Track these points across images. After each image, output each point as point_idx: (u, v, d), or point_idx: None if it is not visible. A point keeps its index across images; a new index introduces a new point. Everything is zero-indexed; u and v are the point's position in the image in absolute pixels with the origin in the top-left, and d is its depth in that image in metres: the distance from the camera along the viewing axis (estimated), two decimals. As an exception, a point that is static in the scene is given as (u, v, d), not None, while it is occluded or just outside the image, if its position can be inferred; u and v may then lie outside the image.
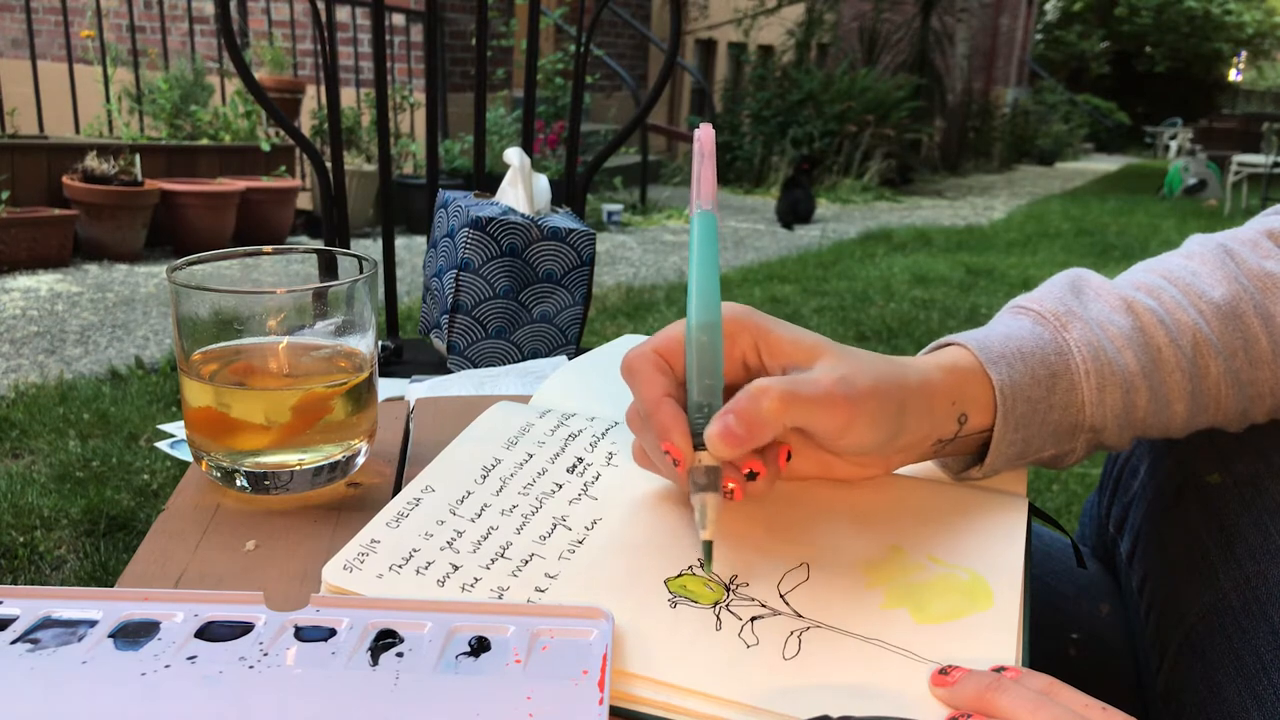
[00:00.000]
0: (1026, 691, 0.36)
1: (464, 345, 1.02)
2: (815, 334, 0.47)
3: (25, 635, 0.39)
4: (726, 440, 0.42)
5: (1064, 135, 15.20)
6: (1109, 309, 0.51)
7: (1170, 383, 0.50)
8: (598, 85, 7.76)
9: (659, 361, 0.46)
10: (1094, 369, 0.49)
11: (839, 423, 0.44)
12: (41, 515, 1.81)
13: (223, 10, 1.16)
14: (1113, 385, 0.49)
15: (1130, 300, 0.51)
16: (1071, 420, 0.50)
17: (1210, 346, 0.51)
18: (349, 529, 0.49)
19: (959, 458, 0.52)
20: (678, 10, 1.27)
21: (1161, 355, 0.50)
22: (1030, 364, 0.49)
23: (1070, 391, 0.49)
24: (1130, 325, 0.50)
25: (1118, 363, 0.49)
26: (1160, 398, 0.50)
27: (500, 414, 0.58)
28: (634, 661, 0.39)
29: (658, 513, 0.48)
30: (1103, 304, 0.51)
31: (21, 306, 3.32)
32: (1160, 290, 0.52)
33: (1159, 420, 0.51)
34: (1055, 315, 0.51)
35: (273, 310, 0.53)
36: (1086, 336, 0.50)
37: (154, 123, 4.83)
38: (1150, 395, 0.50)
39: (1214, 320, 0.51)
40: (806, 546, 0.46)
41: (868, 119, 8.42)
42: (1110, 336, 0.50)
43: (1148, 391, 0.50)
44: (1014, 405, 0.48)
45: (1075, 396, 0.49)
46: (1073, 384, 0.49)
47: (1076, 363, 0.49)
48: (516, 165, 1.05)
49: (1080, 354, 0.49)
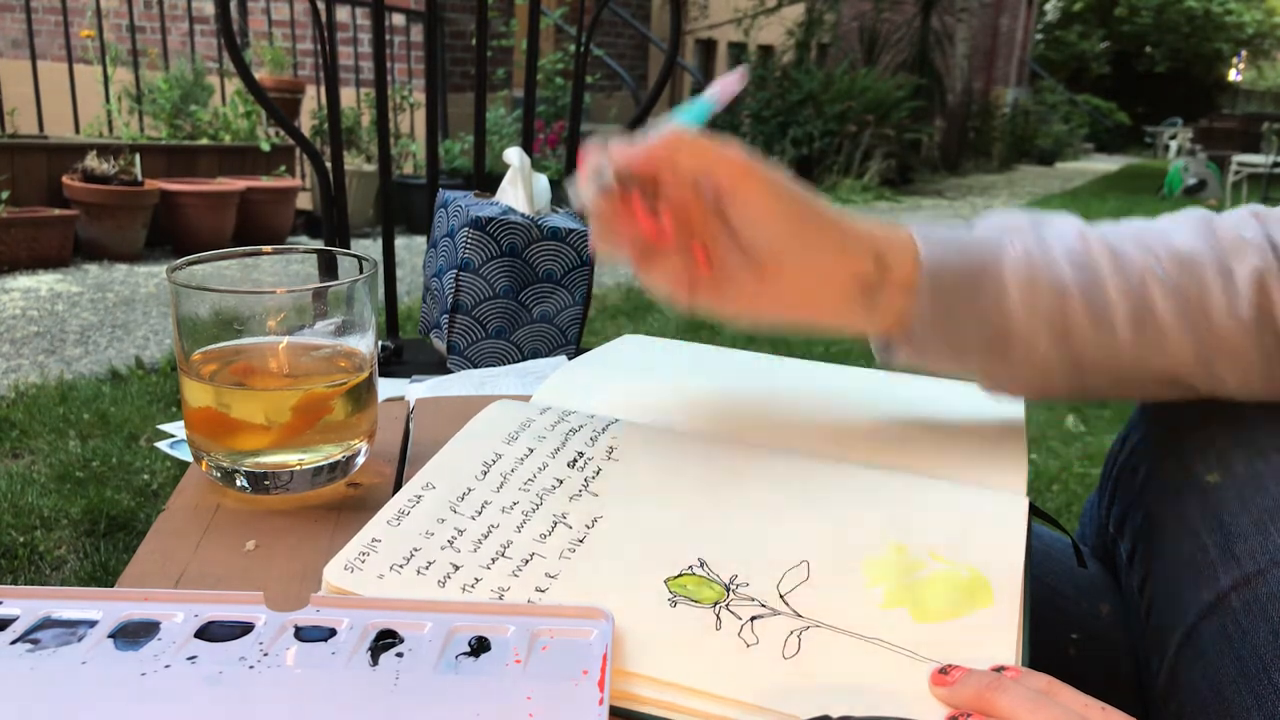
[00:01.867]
0: (1026, 691, 0.36)
1: (464, 345, 1.02)
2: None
3: (25, 635, 0.39)
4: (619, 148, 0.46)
5: (1064, 135, 15.19)
6: (1057, 233, 0.52)
7: (1111, 303, 0.50)
8: (598, 85, 7.75)
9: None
10: (1025, 266, 0.49)
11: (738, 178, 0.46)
12: (41, 515, 1.81)
13: (223, 10, 1.16)
14: (1044, 288, 0.49)
15: (1084, 231, 0.52)
16: (1001, 323, 0.50)
17: (1159, 283, 0.50)
18: (349, 529, 0.49)
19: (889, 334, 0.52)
20: (678, 10, 1.27)
21: (1100, 275, 0.50)
22: (964, 252, 0.50)
23: (998, 281, 0.49)
24: (1076, 246, 0.51)
25: (1052, 269, 0.49)
26: (1100, 318, 0.50)
27: (500, 410, 0.58)
28: (634, 661, 0.39)
29: (658, 510, 0.48)
30: (1054, 229, 0.52)
31: (21, 306, 3.32)
32: (1121, 233, 0.52)
33: (1103, 346, 0.51)
34: (1006, 227, 0.51)
35: (273, 310, 0.53)
36: (1026, 244, 0.50)
37: (154, 123, 4.83)
38: (1088, 311, 0.50)
39: (1169, 263, 0.51)
40: (806, 545, 0.46)
41: (868, 119, 8.42)
42: (1049, 249, 0.50)
43: (1084, 306, 0.49)
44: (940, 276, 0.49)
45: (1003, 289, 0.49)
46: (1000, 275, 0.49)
47: (1009, 259, 0.49)
48: (516, 165, 1.05)
49: (1013, 254, 0.50)
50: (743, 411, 0.61)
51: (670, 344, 0.76)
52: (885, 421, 0.61)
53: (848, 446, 0.56)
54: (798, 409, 0.62)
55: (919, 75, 9.91)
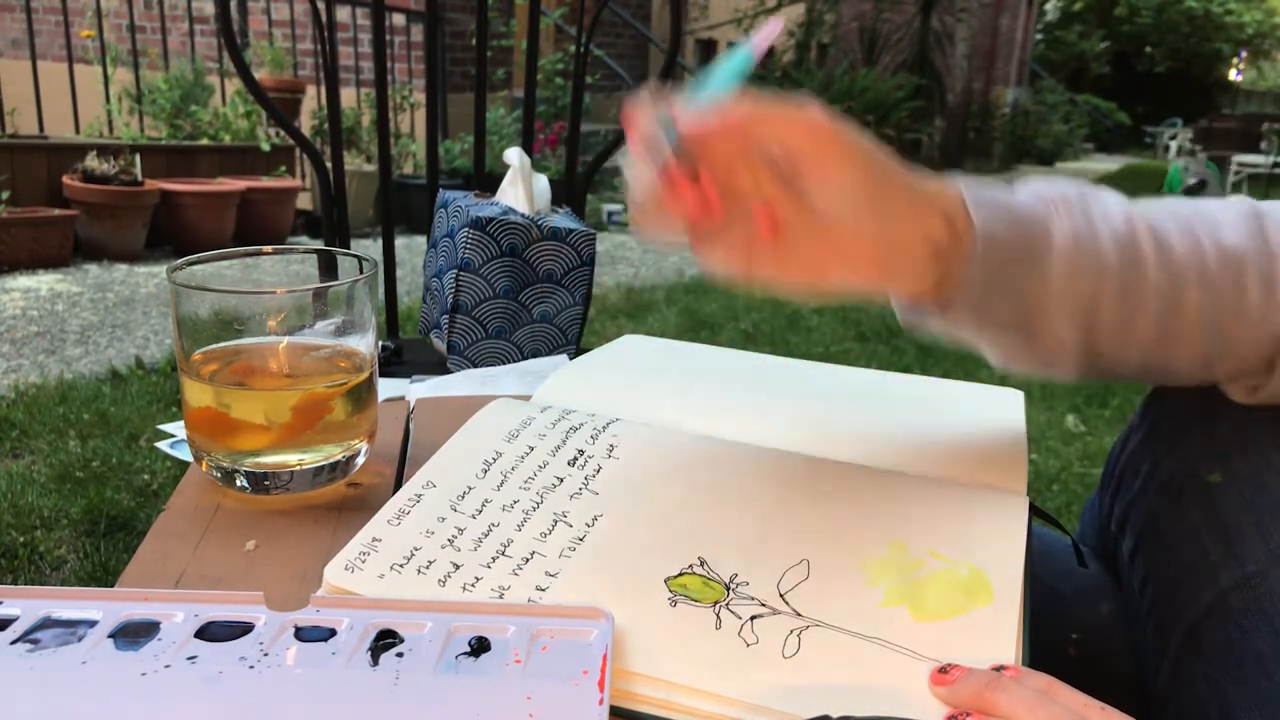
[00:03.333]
0: (1026, 691, 0.36)
1: (464, 345, 1.02)
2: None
3: (25, 635, 0.39)
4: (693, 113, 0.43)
5: (1064, 135, 15.18)
6: (1104, 211, 0.51)
7: (1144, 297, 0.49)
8: (598, 85, 7.75)
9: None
10: (1072, 247, 0.48)
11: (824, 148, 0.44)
12: (41, 515, 1.81)
13: (223, 10, 1.16)
14: (1086, 272, 0.48)
15: (1131, 213, 0.51)
16: (1038, 303, 0.49)
17: (1197, 281, 0.50)
18: (349, 529, 0.49)
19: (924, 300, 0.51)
20: (678, 10, 1.27)
21: (1143, 266, 0.49)
22: (1014, 223, 0.48)
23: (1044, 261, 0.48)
24: (1122, 229, 0.50)
25: (1098, 253, 0.49)
26: (1128, 306, 0.49)
27: (500, 409, 0.58)
28: (634, 660, 0.39)
29: (658, 508, 0.48)
30: (1100, 206, 0.51)
31: (21, 306, 3.32)
32: (1170, 216, 0.51)
33: (1121, 338, 0.50)
34: (1053, 199, 0.50)
35: (273, 310, 0.53)
36: (1075, 223, 0.49)
37: (154, 123, 4.83)
38: (1120, 304, 0.49)
39: (1214, 259, 0.50)
40: (807, 543, 0.46)
41: (868, 119, 8.42)
42: (1096, 231, 0.49)
43: (1118, 297, 0.49)
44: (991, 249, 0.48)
45: (1048, 269, 0.48)
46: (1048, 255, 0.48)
47: (1058, 238, 0.49)
48: (516, 165, 1.05)
49: (1061, 233, 0.49)
50: (743, 411, 0.61)
51: (670, 344, 0.76)
52: (885, 421, 0.61)
53: (848, 446, 0.56)
54: (797, 409, 0.62)
55: (919, 75, 9.91)
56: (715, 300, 3.89)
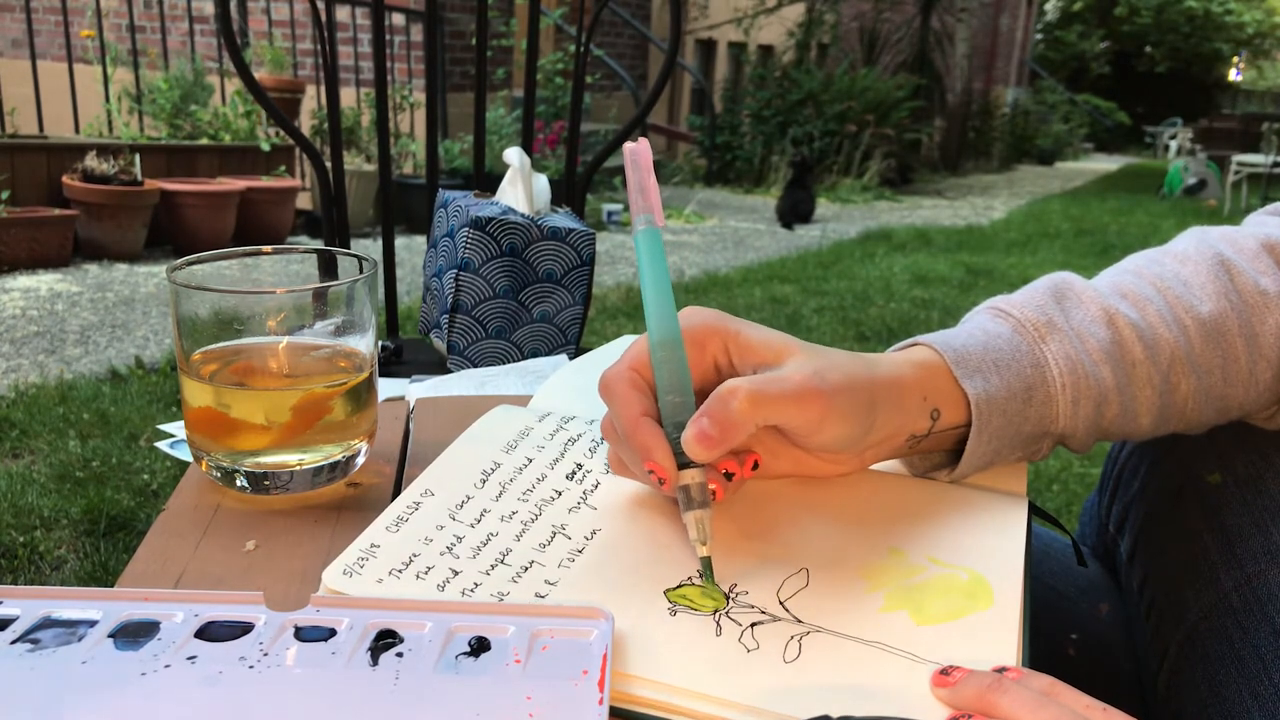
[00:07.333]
0: (1028, 692, 0.36)
1: (464, 345, 1.02)
2: (784, 334, 0.48)
3: (25, 635, 0.39)
4: (703, 443, 0.43)
5: (1064, 135, 15.20)
6: (1089, 320, 0.51)
7: (1141, 397, 0.51)
8: (598, 85, 7.75)
9: (634, 379, 0.46)
10: (1070, 383, 0.49)
11: (811, 418, 0.45)
12: (41, 515, 1.81)
13: (223, 10, 1.16)
14: (1087, 399, 0.49)
15: (1112, 313, 0.51)
16: (1043, 429, 0.50)
17: (1186, 365, 0.51)
18: (349, 529, 0.49)
19: (927, 457, 0.52)
20: (678, 10, 1.27)
21: (1136, 370, 0.50)
22: (1007, 377, 0.49)
23: (1046, 404, 0.49)
24: (1109, 339, 0.50)
25: (1094, 376, 0.49)
26: (1129, 410, 0.51)
27: (500, 417, 0.58)
28: (634, 662, 0.39)
29: (657, 523, 0.48)
30: (1084, 313, 0.51)
31: (21, 306, 3.32)
32: (1147, 302, 0.52)
33: (1124, 428, 0.52)
34: (1035, 325, 0.50)
35: (273, 310, 0.53)
36: (1065, 350, 0.49)
37: (154, 123, 4.83)
38: (1121, 408, 0.50)
39: (1197, 337, 0.51)
40: (806, 552, 0.46)
41: (868, 119, 8.42)
42: (1089, 350, 0.50)
43: (1119, 405, 0.50)
44: (989, 418, 0.48)
45: (1050, 409, 0.50)
46: (1049, 396, 0.49)
47: (1053, 376, 0.49)
48: (516, 165, 1.05)
49: (1058, 367, 0.49)
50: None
51: None
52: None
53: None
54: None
55: (919, 75, 9.91)
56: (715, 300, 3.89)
